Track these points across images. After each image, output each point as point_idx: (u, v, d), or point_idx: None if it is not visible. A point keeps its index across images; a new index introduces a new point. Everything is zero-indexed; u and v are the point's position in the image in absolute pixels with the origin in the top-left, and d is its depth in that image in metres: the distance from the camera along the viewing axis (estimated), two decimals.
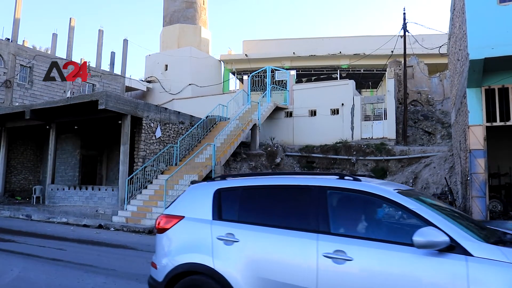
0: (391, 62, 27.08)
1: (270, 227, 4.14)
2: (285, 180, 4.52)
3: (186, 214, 4.67)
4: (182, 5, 37.41)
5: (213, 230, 4.36)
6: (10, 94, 25.20)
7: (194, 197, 4.86)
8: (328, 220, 3.93)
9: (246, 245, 4.17)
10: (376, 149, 21.57)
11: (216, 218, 4.46)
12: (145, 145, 19.18)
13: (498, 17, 10.25)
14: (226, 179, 4.81)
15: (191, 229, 4.57)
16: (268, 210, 4.42)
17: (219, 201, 4.56)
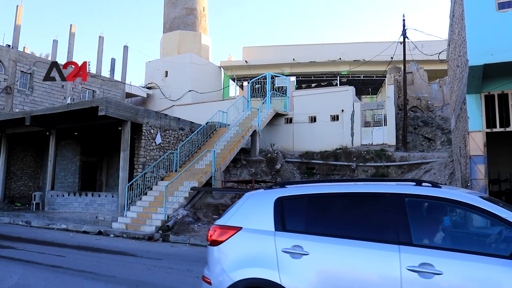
0: (391, 69, 27.14)
1: (342, 238, 3.86)
2: (356, 187, 4.22)
3: (243, 225, 4.34)
4: (183, 12, 37.56)
5: (277, 242, 4.05)
6: (11, 100, 25.23)
7: (252, 206, 4.50)
8: (409, 230, 3.67)
9: (317, 258, 3.87)
10: (376, 155, 21.57)
11: (280, 229, 4.14)
12: (145, 151, 19.18)
13: (497, 24, 10.27)
14: (285, 186, 4.51)
15: (251, 241, 4.23)
16: (339, 220, 4.15)
17: (281, 211, 4.24)
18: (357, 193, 4.12)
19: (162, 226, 15.12)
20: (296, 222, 4.19)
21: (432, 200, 3.80)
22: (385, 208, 3.87)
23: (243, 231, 4.31)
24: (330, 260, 3.84)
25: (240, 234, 4.31)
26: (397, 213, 3.77)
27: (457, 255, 3.39)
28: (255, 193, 4.70)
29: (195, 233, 14.27)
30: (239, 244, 4.29)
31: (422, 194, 3.81)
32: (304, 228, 4.10)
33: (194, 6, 37.96)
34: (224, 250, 4.38)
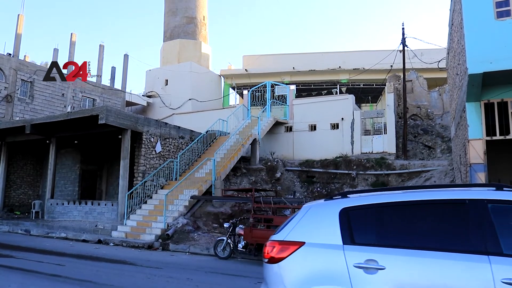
0: (391, 77, 27.20)
1: (420, 249, 3.61)
2: (431, 194, 3.95)
3: (306, 240, 4.04)
4: (183, 20, 37.73)
5: (347, 256, 3.78)
6: (11, 109, 25.27)
7: (314, 219, 4.21)
8: (497, 239, 3.44)
9: (395, 272, 3.61)
10: (376, 163, 21.55)
11: (348, 243, 3.86)
12: (145, 160, 19.17)
13: (496, 32, 10.33)
14: (348, 196, 4.26)
15: (317, 256, 3.94)
16: (414, 230, 3.88)
17: (348, 223, 3.97)
18: (433, 200, 3.87)
19: (162, 234, 15.07)
20: (366, 234, 3.95)
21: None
22: (466, 215, 3.65)
23: (306, 246, 4.02)
24: (410, 274, 3.58)
25: (304, 249, 4.02)
26: (481, 220, 3.55)
27: None
28: (315, 204, 4.44)
29: (195, 242, 14.22)
30: (303, 261, 4.00)
31: (507, 199, 3.61)
32: (376, 240, 3.87)
33: (194, 15, 38.15)
34: (286, 267, 4.05)
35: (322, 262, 3.91)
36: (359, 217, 3.98)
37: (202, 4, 39.18)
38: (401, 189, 4.29)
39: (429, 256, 3.54)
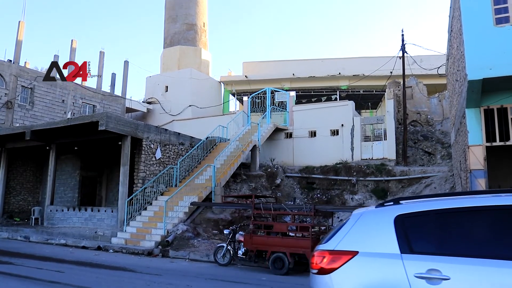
0: (390, 83, 27.24)
1: (488, 258, 3.43)
2: (494, 200, 3.77)
3: (359, 249, 3.88)
4: (183, 27, 37.86)
5: (407, 266, 3.60)
6: (11, 115, 25.28)
7: (366, 227, 4.05)
8: None
9: (461, 283, 3.44)
10: (376, 169, 21.53)
11: (407, 251, 3.69)
12: (145, 166, 19.16)
13: (495, 38, 10.35)
14: (400, 203, 4.09)
15: (373, 266, 3.77)
16: (479, 238, 3.71)
17: (405, 230, 3.79)
18: (498, 206, 3.67)
19: (161, 241, 15.03)
20: (425, 242, 3.77)
21: None
22: None
23: (360, 256, 3.84)
24: (479, 285, 3.40)
25: (358, 259, 3.83)
26: None
27: None
28: (367, 212, 4.26)
29: (195, 249, 14.18)
30: (357, 271, 3.81)
31: None
32: (437, 249, 3.69)
33: (194, 21, 38.28)
34: (339, 278, 3.86)
35: (378, 272, 3.74)
36: (417, 225, 3.82)
37: (202, 11, 39.33)
38: (462, 195, 4.14)
39: (501, 266, 3.37)
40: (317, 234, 11.37)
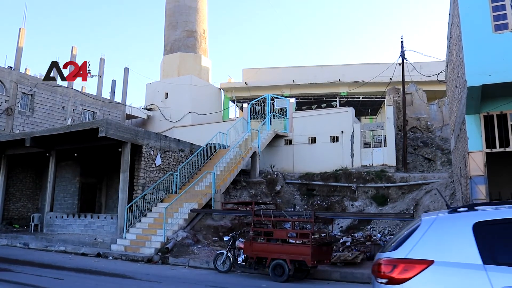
0: (390, 90, 27.28)
1: None
2: None
3: (435, 258, 3.65)
4: (183, 34, 37.98)
5: (492, 278, 3.38)
6: (11, 122, 25.30)
7: (441, 234, 3.83)
8: None
9: None
10: (377, 176, 21.51)
11: (490, 262, 3.48)
12: (145, 173, 19.13)
13: (494, 45, 10.38)
14: (475, 209, 3.94)
15: (452, 277, 3.54)
16: None
17: (486, 239, 3.60)
18: None
19: (161, 248, 14.99)
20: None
21: None
22: None
23: (436, 265, 3.61)
24: None
25: (434, 268, 3.61)
26: None
27: None
28: (440, 218, 4.01)
29: (194, 255, 14.14)
30: (434, 282, 3.58)
31: None
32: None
33: (194, 28, 38.41)
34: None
35: (458, 283, 3.51)
36: (501, 233, 3.60)
37: (202, 18, 39.47)
38: None
39: None
40: (317, 240, 11.34)
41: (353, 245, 15.71)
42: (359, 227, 19.16)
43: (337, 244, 15.42)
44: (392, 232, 17.70)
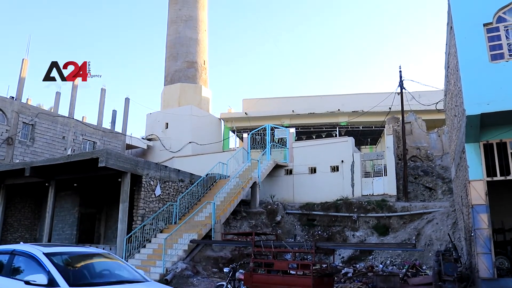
0: (389, 119, 27.40)
1: None
2: None
3: None
4: (184, 65, 38.43)
5: None
6: (11, 151, 25.32)
7: None
8: None
9: None
10: (377, 205, 21.36)
11: None
12: (145, 203, 19.01)
13: (491, 74, 10.52)
14: None
15: None
16: None
17: None
18: None
19: (160, 279, 14.74)
20: None
21: None
22: None
23: None
24: None
25: None
26: None
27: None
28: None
29: (194, 287, 13.89)
30: None
31: None
32: None
33: (195, 59, 38.90)
34: None
35: None
36: None
37: (203, 49, 40.04)
38: None
39: None
40: (319, 272, 11.17)
41: (355, 276, 15.48)
42: (361, 257, 18.91)
43: (338, 275, 15.19)
44: (394, 262, 17.47)
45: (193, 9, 40.03)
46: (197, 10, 40.28)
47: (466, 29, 11.19)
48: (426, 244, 17.34)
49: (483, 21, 11.07)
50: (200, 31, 39.93)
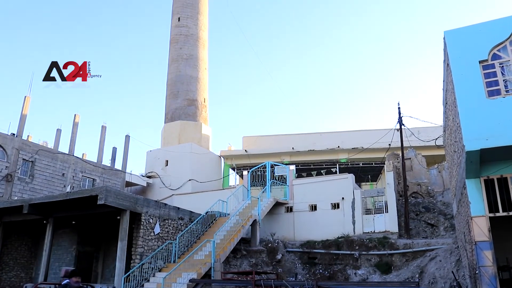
0: (389, 155, 27.45)
1: None
2: None
3: None
4: (184, 102, 38.81)
5: None
6: (10, 188, 25.21)
7: None
8: None
9: None
10: (379, 243, 21.08)
11: None
12: (143, 241, 18.77)
13: (489, 110, 10.60)
14: None
15: None
16: None
17: None
18: None
19: None
20: None
21: None
22: None
23: None
24: None
25: None
26: None
27: None
28: None
29: None
30: None
31: None
32: None
33: (195, 97, 39.31)
34: None
35: None
36: None
37: (203, 87, 40.54)
38: None
39: None
40: None
41: None
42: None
43: None
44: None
45: (194, 48, 40.81)
46: (198, 49, 41.05)
47: (463, 66, 11.37)
48: (430, 282, 16.99)
49: (479, 58, 11.27)
50: (200, 69, 40.56)
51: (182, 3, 42.25)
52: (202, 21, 42.59)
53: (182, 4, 42.23)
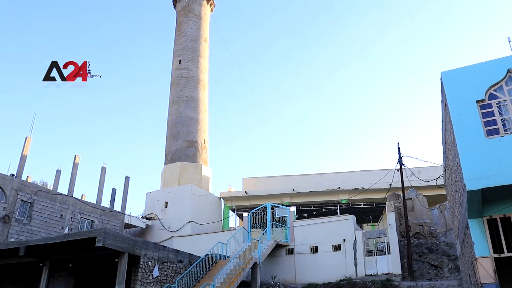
0: (390, 196, 27.27)
1: None
2: None
3: None
4: (184, 144, 38.91)
5: None
6: (7, 230, 24.86)
7: None
8: None
9: None
10: (382, 285, 20.61)
11: None
12: (141, 285, 18.36)
13: (489, 149, 10.64)
14: None
15: None
16: None
17: None
18: None
19: None
20: None
21: None
22: None
23: None
24: None
25: None
26: None
27: None
28: None
29: None
30: None
31: None
32: None
33: (195, 139, 39.45)
34: None
35: None
36: None
37: (203, 128, 40.77)
38: None
39: None
40: None
41: None
42: None
43: None
44: None
45: (194, 90, 41.33)
46: (198, 90, 41.57)
47: (460, 106, 11.50)
48: None
49: (476, 98, 11.42)
50: (201, 111, 40.93)
51: (183, 46, 43.13)
52: (203, 63, 43.34)
53: (183, 47, 43.11)
